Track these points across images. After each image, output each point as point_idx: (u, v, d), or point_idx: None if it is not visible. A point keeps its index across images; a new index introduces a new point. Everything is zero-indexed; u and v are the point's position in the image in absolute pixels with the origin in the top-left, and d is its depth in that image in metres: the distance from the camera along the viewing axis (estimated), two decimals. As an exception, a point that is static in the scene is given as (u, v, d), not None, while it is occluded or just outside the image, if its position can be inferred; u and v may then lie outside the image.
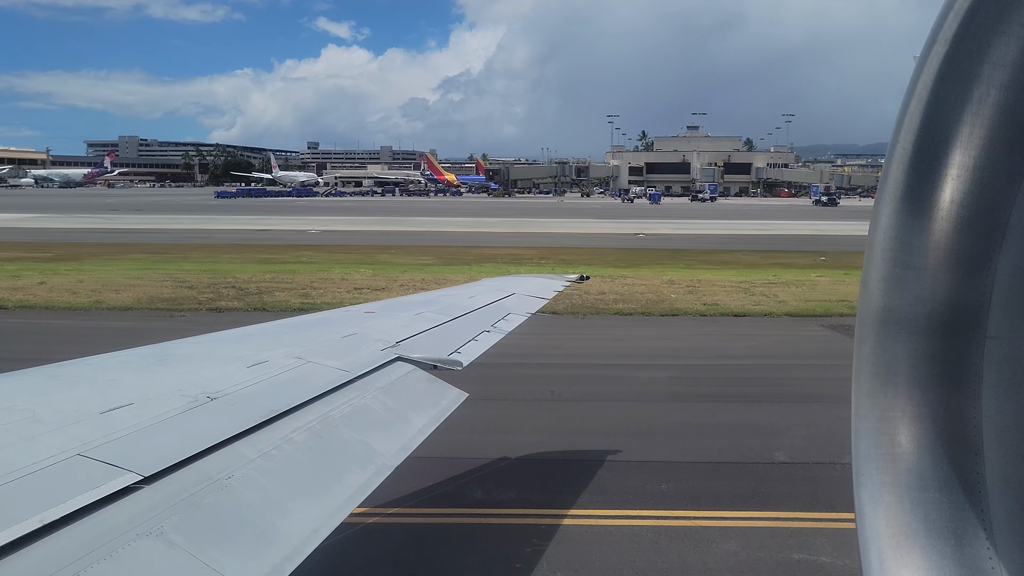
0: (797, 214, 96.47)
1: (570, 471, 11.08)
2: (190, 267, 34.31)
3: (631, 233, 62.11)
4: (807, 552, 8.61)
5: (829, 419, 12.47)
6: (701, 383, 16.18)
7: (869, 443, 2.57)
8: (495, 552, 8.74)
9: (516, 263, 36.44)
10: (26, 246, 43.70)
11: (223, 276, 30.99)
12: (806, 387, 15.65)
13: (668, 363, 18.19)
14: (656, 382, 16.31)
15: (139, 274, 31.34)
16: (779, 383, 16.15)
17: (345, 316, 7.41)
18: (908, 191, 2.34)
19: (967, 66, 2.13)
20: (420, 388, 5.18)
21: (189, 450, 3.31)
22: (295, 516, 3.23)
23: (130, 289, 27.38)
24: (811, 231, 63.71)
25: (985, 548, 2.43)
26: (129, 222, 69.41)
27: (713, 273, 33.74)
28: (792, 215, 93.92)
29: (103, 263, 35.40)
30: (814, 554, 8.57)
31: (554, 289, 10.24)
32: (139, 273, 31.55)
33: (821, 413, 13.33)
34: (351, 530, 8.37)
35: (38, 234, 53.99)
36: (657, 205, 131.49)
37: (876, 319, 2.52)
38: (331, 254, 41.32)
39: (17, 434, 3.15)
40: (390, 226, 67.74)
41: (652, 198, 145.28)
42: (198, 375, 4.41)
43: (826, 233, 60.80)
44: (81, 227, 61.39)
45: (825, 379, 15.04)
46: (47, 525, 2.54)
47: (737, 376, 16.68)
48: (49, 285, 27.96)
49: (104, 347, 5.22)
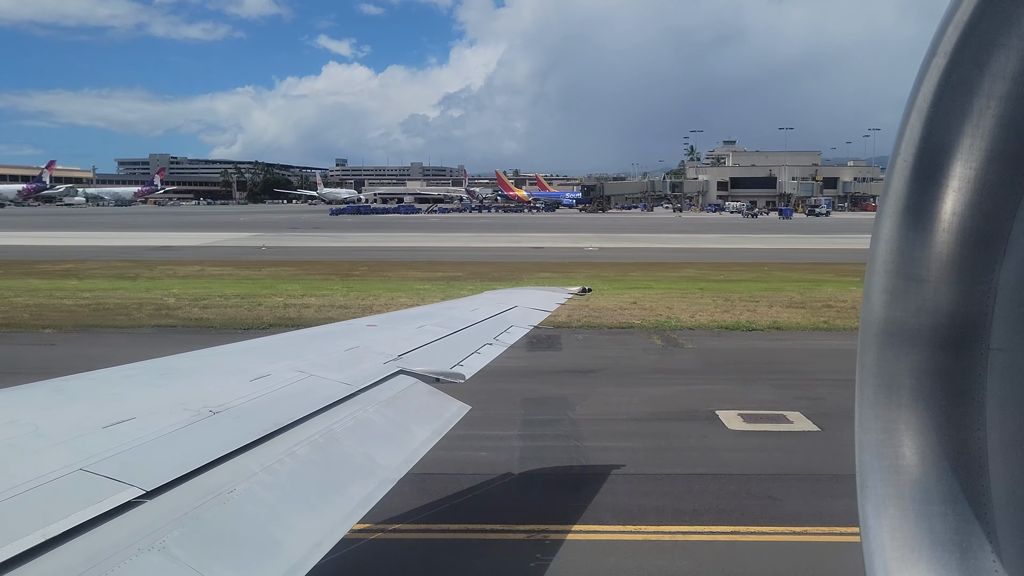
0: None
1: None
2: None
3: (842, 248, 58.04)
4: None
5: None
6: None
7: (873, 455, 2.56)
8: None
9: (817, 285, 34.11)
10: (317, 264, 43.73)
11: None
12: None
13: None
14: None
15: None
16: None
17: (347, 329, 7.40)
18: (909, 203, 2.35)
19: (967, 78, 2.14)
20: (422, 401, 5.18)
21: (191, 464, 3.31)
22: (298, 529, 3.22)
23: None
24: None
25: (990, 560, 2.42)
26: (326, 240, 69.25)
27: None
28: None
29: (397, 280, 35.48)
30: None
31: (556, 302, 10.25)
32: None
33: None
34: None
35: (298, 253, 53.67)
36: (788, 220, 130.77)
37: (879, 331, 2.51)
38: (649, 270, 40.17)
39: (20, 448, 3.15)
40: (572, 242, 65.23)
41: (784, 213, 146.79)
42: (200, 389, 4.41)
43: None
44: (312, 245, 62.47)
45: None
46: (49, 540, 2.53)
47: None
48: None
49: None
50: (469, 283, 32.90)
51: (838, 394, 15.40)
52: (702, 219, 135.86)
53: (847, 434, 2.68)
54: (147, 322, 24.52)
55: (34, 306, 27.36)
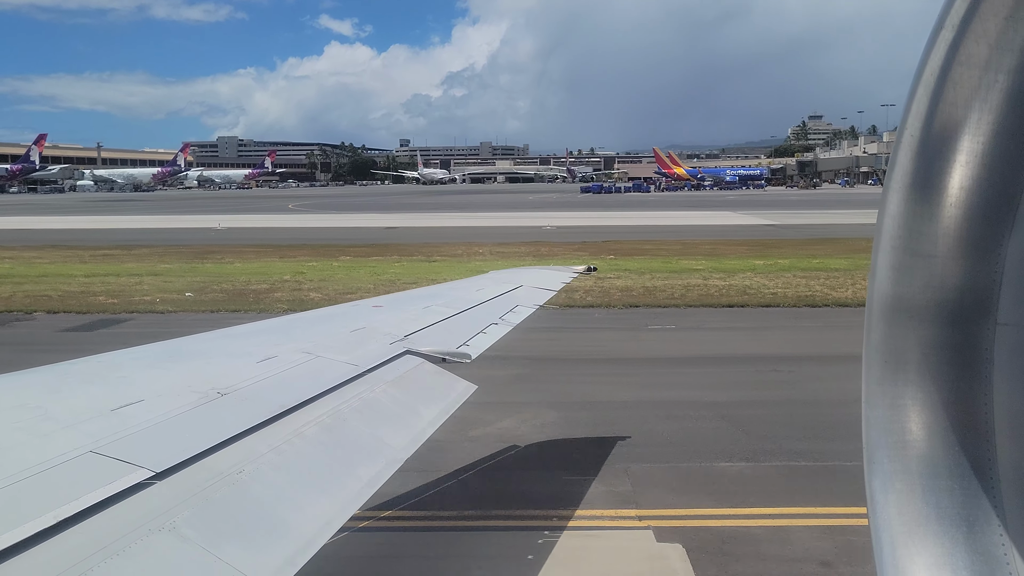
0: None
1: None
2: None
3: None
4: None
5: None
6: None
7: (880, 431, 2.57)
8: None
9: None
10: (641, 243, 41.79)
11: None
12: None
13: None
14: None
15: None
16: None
17: (353, 311, 7.42)
18: (917, 178, 2.33)
19: (974, 52, 2.11)
20: (429, 381, 5.19)
21: (200, 446, 3.33)
22: (306, 510, 3.25)
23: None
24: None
25: (997, 535, 2.43)
26: (617, 219, 66.80)
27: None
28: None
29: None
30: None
31: (562, 281, 10.25)
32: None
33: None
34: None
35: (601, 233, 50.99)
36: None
37: (886, 307, 2.51)
38: None
39: (30, 432, 3.18)
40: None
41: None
42: (208, 371, 4.43)
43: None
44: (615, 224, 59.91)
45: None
46: (61, 521, 2.56)
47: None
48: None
49: None
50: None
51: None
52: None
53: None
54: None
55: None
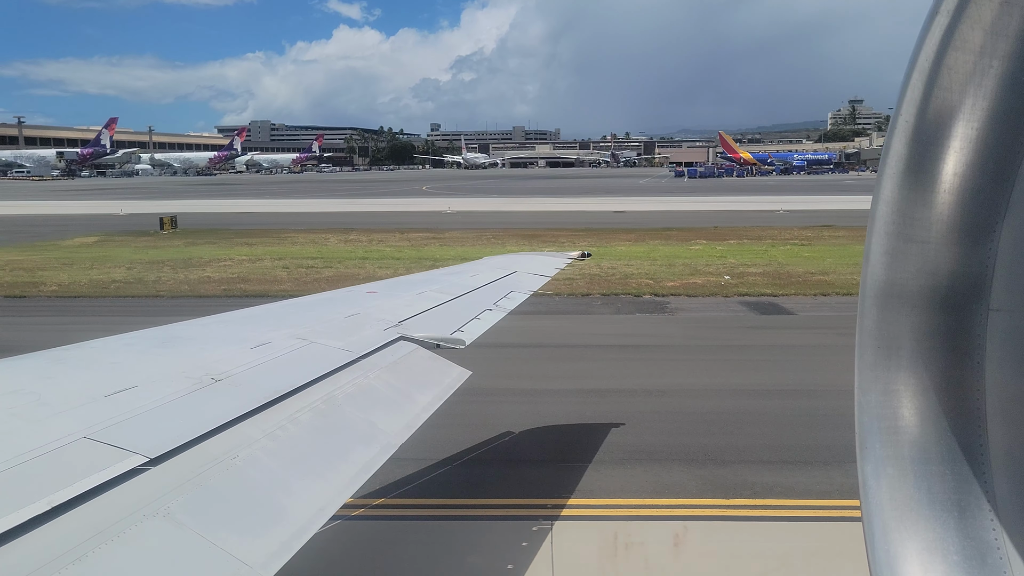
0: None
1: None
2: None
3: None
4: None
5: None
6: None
7: (872, 417, 2.58)
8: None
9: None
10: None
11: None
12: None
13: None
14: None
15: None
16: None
17: (347, 296, 7.41)
18: (911, 164, 2.33)
19: (969, 37, 2.10)
20: (423, 367, 5.19)
21: (194, 431, 3.33)
22: (301, 495, 3.25)
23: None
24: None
25: (988, 519, 2.44)
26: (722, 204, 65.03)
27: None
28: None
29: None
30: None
31: (556, 267, 10.25)
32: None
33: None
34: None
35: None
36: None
37: (879, 293, 2.51)
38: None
39: (24, 417, 3.17)
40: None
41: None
42: (202, 357, 4.42)
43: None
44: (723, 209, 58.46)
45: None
46: (55, 507, 2.55)
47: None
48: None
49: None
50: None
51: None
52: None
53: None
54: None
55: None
